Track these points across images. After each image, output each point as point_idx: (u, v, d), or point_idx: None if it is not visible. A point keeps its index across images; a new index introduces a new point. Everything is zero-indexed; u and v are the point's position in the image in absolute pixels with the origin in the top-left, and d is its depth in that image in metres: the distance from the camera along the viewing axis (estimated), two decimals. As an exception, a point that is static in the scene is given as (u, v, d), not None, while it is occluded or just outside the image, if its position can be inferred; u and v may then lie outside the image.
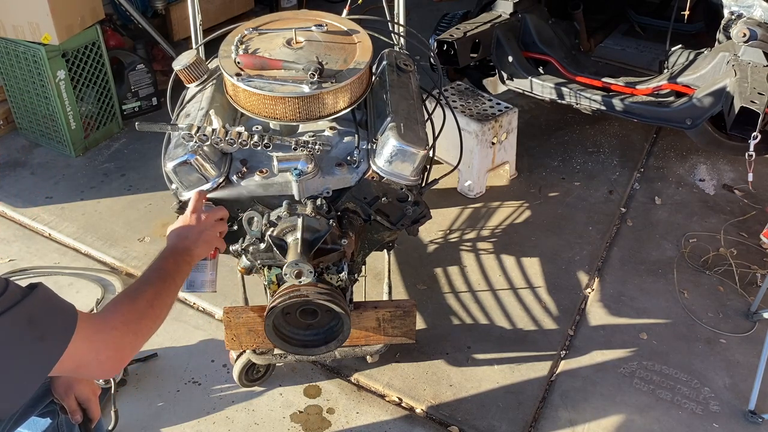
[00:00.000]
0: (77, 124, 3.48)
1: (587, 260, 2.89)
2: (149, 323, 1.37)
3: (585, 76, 3.30)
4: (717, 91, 2.85)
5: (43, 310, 1.19)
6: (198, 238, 1.60)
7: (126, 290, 1.41)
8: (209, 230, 1.64)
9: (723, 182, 3.34)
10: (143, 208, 3.17)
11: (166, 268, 1.48)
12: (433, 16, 3.87)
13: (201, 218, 1.64)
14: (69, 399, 1.62)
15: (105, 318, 1.29)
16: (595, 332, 2.58)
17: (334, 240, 1.81)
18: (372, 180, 1.84)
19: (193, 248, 1.57)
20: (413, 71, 2.20)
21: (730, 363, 2.45)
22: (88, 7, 3.33)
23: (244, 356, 2.27)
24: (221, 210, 1.71)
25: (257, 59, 1.86)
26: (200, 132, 1.76)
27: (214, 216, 1.67)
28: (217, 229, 1.67)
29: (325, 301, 1.77)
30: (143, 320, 1.34)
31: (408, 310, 2.12)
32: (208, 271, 1.76)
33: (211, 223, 1.65)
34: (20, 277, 2.79)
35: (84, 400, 1.63)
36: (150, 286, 1.41)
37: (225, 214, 1.71)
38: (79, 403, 1.62)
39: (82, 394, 1.63)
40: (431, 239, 3.00)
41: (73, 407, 1.62)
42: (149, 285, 1.41)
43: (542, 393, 2.36)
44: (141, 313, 1.34)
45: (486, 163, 3.19)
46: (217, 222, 1.67)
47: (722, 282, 2.78)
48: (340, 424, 2.26)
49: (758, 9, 2.84)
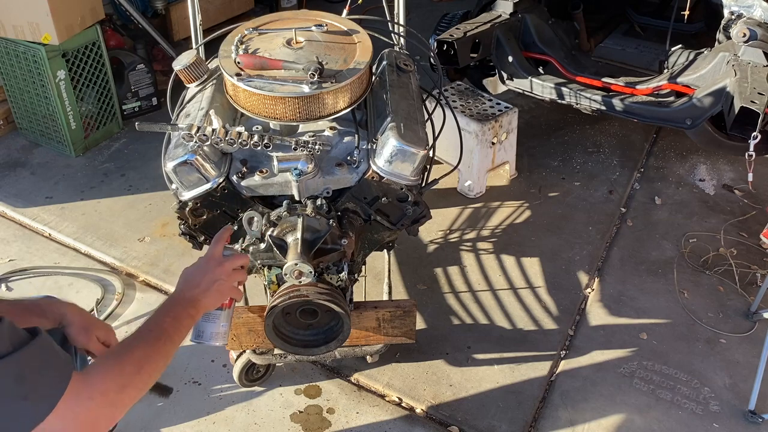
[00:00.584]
0: (77, 124, 3.48)
1: (587, 260, 2.89)
2: (133, 393, 1.21)
3: (585, 76, 3.30)
4: (717, 91, 2.86)
5: (35, 367, 1.08)
6: (209, 288, 1.45)
7: (117, 347, 1.31)
8: (225, 280, 1.48)
9: (723, 182, 3.34)
10: (143, 208, 3.17)
11: (163, 326, 1.34)
12: (433, 16, 3.87)
13: (219, 265, 1.49)
14: (93, 342, 1.58)
15: (86, 382, 1.15)
16: (595, 332, 2.58)
17: (334, 240, 1.81)
18: (372, 180, 1.84)
19: (201, 299, 1.44)
20: (413, 71, 2.20)
21: (730, 363, 2.45)
22: (88, 7, 3.33)
23: (244, 356, 2.27)
24: (243, 257, 1.55)
25: (257, 59, 1.86)
26: (200, 132, 1.75)
27: (233, 264, 1.51)
28: (234, 279, 1.52)
29: (325, 301, 1.77)
30: (127, 389, 1.19)
31: (408, 310, 2.12)
32: (220, 322, 1.57)
33: (228, 271, 1.50)
34: (20, 277, 2.79)
35: (105, 341, 1.58)
36: (142, 345, 1.27)
37: (246, 261, 1.57)
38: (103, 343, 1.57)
39: (102, 335, 1.57)
40: (431, 239, 3.00)
41: (100, 349, 1.56)
42: (142, 344, 1.27)
43: (542, 393, 2.36)
44: (126, 380, 1.20)
45: (486, 163, 3.19)
46: (235, 271, 1.52)
47: (722, 282, 2.78)
48: (340, 424, 2.26)
49: (758, 9, 2.85)
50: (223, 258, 1.51)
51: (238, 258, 1.54)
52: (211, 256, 1.51)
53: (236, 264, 1.52)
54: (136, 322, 2.61)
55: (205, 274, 1.46)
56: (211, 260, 1.50)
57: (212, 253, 1.51)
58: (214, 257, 1.50)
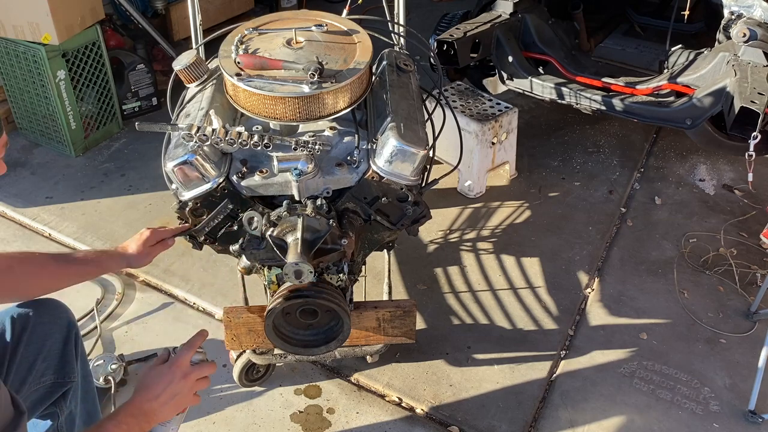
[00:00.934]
0: (77, 124, 3.48)
1: (587, 260, 2.89)
2: None
3: (585, 76, 3.30)
4: (717, 91, 2.86)
5: None
6: (169, 401, 1.40)
7: None
8: (186, 394, 1.42)
9: (723, 182, 3.34)
10: (143, 208, 3.17)
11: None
12: (433, 16, 3.87)
13: (184, 377, 1.43)
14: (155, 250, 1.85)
15: None
16: (595, 332, 2.58)
17: (334, 240, 1.81)
18: (372, 180, 1.84)
19: (157, 412, 1.39)
20: (413, 71, 2.20)
21: (730, 363, 2.45)
22: (88, 7, 3.33)
23: (244, 356, 2.27)
24: (210, 367, 1.49)
25: (257, 59, 1.86)
26: (200, 132, 1.75)
27: (199, 374, 1.46)
28: (196, 388, 1.46)
29: (325, 301, 1.77)
30: None
31: (408, 310, 2.12)
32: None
33: (191, 383, 1.44)
34: (20, 277, 2.79)
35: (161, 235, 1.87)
36: None
37: (213, 370, 1.49)
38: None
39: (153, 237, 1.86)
40: (431, 239, 3.00)
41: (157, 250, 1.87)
42: None
43: (542, 393, 2.36)
44: None
45: (486, 163, 3.19)
46: (199, 381, 1.46)
47: (722, 282, 2.78)
48: (340, 424, 2.26)
49: (758, 9, 2.85)
50: (190, 368, 1.44)
51: (205, 368, 1.47)
52: (177, 364, 1.43)
53: (202, 374, 1.46)
54: (136, 322, 2.61)
55: (168, 384, 1.40)
56: (176, 369, 1.42)
57: (179, 361, 1.44)
58: (180, 367, 1.43)
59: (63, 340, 1.75)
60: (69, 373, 1.76)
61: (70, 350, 1.76)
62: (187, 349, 1.47)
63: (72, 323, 1.79)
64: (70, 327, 1.78)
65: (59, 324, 1.75)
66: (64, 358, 1.74)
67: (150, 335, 2.56)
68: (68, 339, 1.76)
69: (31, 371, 1.68)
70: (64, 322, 1.76)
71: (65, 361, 1.75)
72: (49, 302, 1.78)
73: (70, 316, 1.80)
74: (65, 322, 1.77)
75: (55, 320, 1.74)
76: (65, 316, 1.78)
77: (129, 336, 2.54)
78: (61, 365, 1.74)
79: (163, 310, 2.67)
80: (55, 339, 1.73)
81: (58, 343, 1.73)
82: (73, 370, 1.77)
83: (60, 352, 1.74)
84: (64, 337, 1.75)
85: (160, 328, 2.59)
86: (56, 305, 1.78)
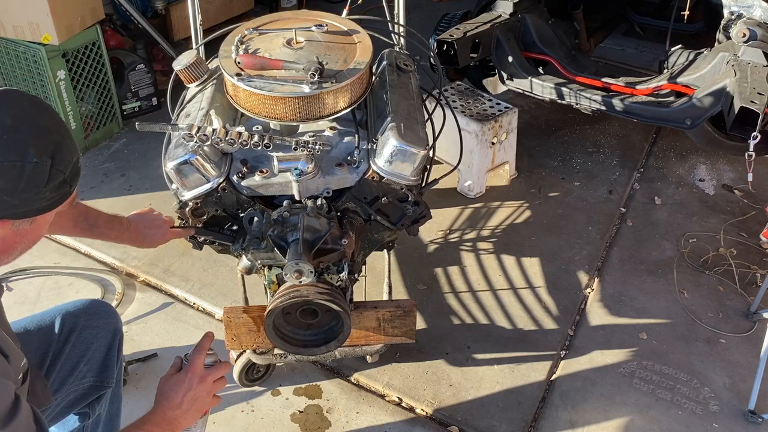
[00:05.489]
0: (77, 124, 3.48)
1: (587, 260, 2.89)
2: None
3: (585, 76, 3.30)
4: (717, 91, 2.86)
5: None
6: (190, 407, 1.44)
7: None
8: (205, 398, 1.47)
9: (723, 182, 3.34)
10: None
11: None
12: (433, 16, 3.87)
13: (201, 381, 1.47)
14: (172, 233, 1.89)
15: None
16: (595, 332, 2.58)
17: (334, 240, 1.81)
18: (372, 180, 1.84)
19: (181, 420, 1.43)
20: (413, 71, 2.20)
21: (730, 363, 2.45)
22: (88, 7, 3.33)
23: (244, 356, 2.27)
24: (225, 366, 1.54)
25: (257, 59, 1.86)
26: (200, 132, 1.75)
27: (215, 375, 1.50)
28: (214, 390, 1.51)
29: (325, 301, 1.77)
30: None
31: (408, 310, 2.11)
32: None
33: (209, 386, 1.48)
34: (20, 277, 2.79)
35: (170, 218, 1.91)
36: None
37: (227, 369, 1.55)
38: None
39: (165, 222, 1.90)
40: (431, 239, 3.00)
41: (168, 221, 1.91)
42: None
43: (542, 393, 2.36)
44: None
45: (486, 163, 3.19)
46: (216, 383, 1.51)
47: (722, 282, 2.78)
48: (340, 424, 2.26)
49: (758, 9, 2.85)
50: (205, 372, 1.48)
51: (219, 368, 1.52)
52: (193, 369, 1.47)
53: (218, 375, 1.51)
54: (136, 322, 2.61)
55: (186, 391, 1.44)
56: (192, 375, 1.46)
57: (194, 367, 1.48)
58: (196, 372, 1.47)
59: (107, 345, 1.76)
60: (108, 378, 1.77)
61: (112, 357, 1.77)
62: (198, 353, 1.50)
63: (118, 330, 1.80)
64: (116, 333, 1.79)
65: (106, 329, 1.76)
66: (105, 364, 1.76)
67: (150, 335, 2.56)
68: (112, 345, 1.77)
69: (73, 372, 1.69)
70: (111, 328, 1.77)
71: (106, 366, 1.76)
72: (101, 306, 1.80)
73: (117, 323, 1.81)
74: (112, 327, 1.78)
75: (104, 326, 1.75)
76: (113, 322, 1.79)
77: (129, 336, 2.54)
78: (102, 370, 1.75)
79: (163, 310, 2.67)
80: (100, 344, 1.74)
81: (103, 348, 1.75)
82: (112, 375, 1.78)
83: (103, 357, 1.75)
84: (109, 343, 1.76)
85: (160, 328, 2.59)
86: (107, 310, 1.80)
